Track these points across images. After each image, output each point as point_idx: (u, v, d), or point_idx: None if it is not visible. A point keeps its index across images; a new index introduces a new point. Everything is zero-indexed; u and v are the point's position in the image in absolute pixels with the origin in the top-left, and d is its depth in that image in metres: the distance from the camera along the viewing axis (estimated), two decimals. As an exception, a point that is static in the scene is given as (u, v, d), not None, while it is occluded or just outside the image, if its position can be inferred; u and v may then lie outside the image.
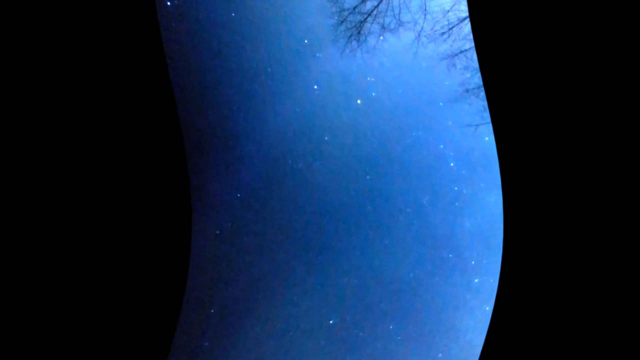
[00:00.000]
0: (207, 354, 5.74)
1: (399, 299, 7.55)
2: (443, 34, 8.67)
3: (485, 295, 7.96)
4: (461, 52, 8.97)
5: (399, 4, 7.60)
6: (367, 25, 7.51)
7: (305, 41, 6.94)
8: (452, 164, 8.94)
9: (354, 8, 7.17)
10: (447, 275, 7.92)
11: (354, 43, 7.46)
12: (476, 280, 7.98)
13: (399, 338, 7.39)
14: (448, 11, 8.48)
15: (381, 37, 7.92)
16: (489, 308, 7.88)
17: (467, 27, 8.93)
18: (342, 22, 7.15)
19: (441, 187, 8.68)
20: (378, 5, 7.36)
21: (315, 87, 7.13)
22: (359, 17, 7.30)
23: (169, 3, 5.50)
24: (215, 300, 5.83)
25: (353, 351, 7.12)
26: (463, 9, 8.63)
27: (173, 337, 4.31)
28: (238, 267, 6.00)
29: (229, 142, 5.94)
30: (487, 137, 9.25)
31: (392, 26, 7.85)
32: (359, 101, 7.83)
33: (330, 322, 7.04)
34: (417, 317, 7.57)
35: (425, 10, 8.12)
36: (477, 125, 9.03)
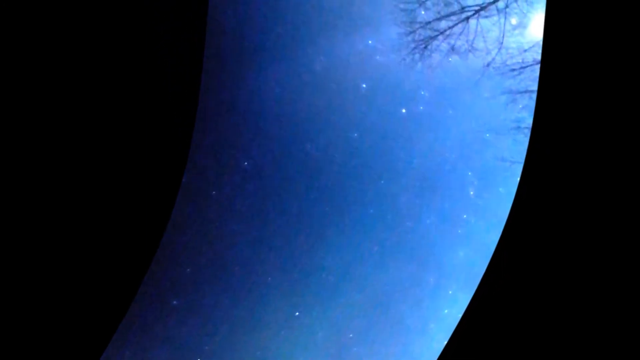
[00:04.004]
0: (173, 312, 6.20)
1: (366, 309, 7.88)
2: (514, 70, 8.50)
3: (449, 328, 8.24)
4: (527, 91, 8.78)
5: (475, 31, 7.53)
6: (437, 42, 7.52)
7: (369, 42, 7.07)
8: (471, 192, 9.00)
9: (427, 23, 7.20)
10: (421, 298, 8.19)
11: (417, 56, 7.54)
12: (445, 311, 8.24)
13: (354, 349, 7.78)
14: (526, 50, 8.26)
15: (450, 59, 7.91)
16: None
17: (541, 70, 8.66)
18: (410, 33, 7.22)
19: (451, 212, 8.80)
20: (453, 26, 7.34)
21: (364, 85, 7.31)
22: (429, 33, 7.33)
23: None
24: (192, 261, 6.21)
25: (307, 349, 7.57)
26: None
27: (138, 288, 4.59)
28: (223, 233, 6.36)
29: (253, 111, 6.18)
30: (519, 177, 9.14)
31: (462, 50, 7.82)
32: (403, 110, 7.96)
33: (296, 314, 7.46)
34: (375, 332, 7.93)
35: (502, 44, 7.97)
36: (514, 162, 8.96)
